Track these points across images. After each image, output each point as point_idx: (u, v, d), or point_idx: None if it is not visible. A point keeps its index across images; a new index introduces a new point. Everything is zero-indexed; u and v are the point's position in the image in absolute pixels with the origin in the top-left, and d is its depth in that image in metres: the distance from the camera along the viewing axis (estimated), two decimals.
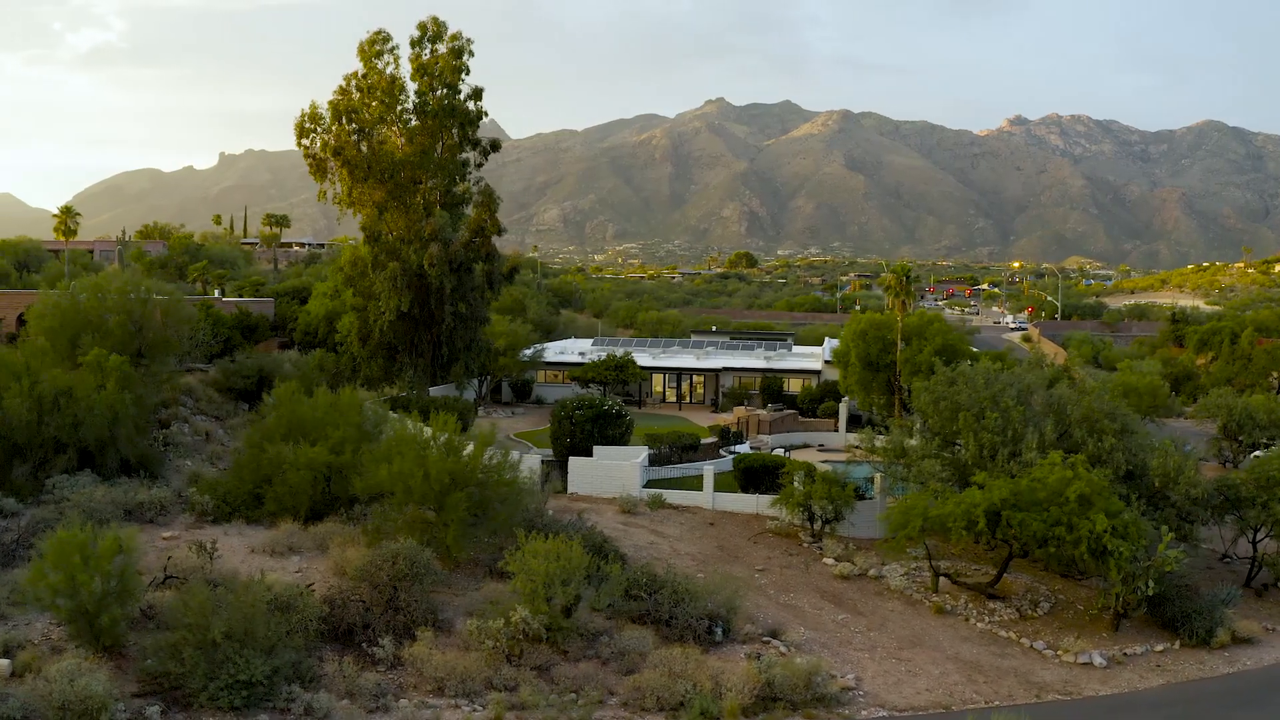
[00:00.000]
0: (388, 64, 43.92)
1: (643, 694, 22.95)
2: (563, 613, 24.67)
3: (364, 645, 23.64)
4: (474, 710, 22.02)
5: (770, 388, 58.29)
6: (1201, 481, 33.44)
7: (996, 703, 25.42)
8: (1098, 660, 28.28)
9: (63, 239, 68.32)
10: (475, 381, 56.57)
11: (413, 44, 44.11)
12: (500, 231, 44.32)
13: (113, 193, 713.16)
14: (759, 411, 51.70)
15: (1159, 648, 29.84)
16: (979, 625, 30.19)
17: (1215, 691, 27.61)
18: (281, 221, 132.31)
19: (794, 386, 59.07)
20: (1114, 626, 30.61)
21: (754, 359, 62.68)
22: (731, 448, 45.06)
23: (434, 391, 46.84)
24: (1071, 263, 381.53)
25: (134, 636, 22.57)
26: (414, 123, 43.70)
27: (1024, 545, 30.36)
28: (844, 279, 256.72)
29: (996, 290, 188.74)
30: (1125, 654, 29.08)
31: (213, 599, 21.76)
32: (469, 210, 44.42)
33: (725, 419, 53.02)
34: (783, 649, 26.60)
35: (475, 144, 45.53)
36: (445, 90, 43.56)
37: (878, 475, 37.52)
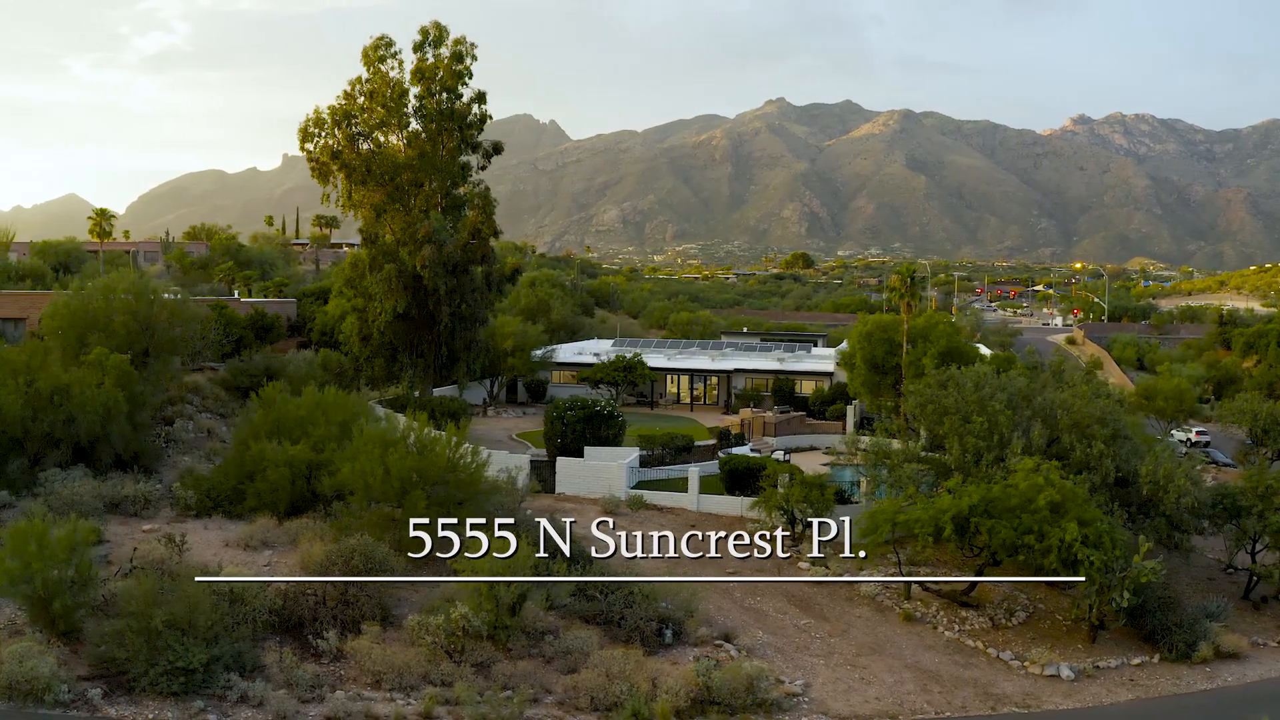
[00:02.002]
0: (391, 68, 44.94)
1: (578, 694, 23.15)
2: (508, 611, 24.95)
3: (310, 638, 24.27)
4: (407, 704, 22.46)
5: (782, 389, 57.90)
6: (1192, 490, 32.31)
7: (947, 714, 25.03)
8: (1065, 673, 27.58)
9: (98, 240, 71.36)
10: (488, 382, 57.32)
11: (415, 48, 44.99)
12: (496, 234, 45.00)
13: (177, 194, 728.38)
14: (764, 413, 51.42)
15: (1136, 661, 28.97)
16: (947, 634, 29.67)
17: (1187, 708, 26.78)
18: (331, 223, 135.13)
19: (806, 388, 58.58)
20: (1091, 638, 29.82)
21: (767, 360, 62.29)
22: (729, 450, 44.87)
23: (438, 392, 47.61)
24: (1135, 264, 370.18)
25: (93, 623, 23.55)
26: (413, 126, 44.58)
27: (994, 553, 29.75)
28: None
29: (1050, 292, 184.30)
30: (1097, 667, 28.31)
31: (158, 589, 22.58)
32: (469, 213, 45.07)
33: (734, 420, 52.85)
34: (734, 653, 26.54)
35: (475, 147, 46.21)
36: (445, 94, 44.31)
37: (863, 479, 37.09)
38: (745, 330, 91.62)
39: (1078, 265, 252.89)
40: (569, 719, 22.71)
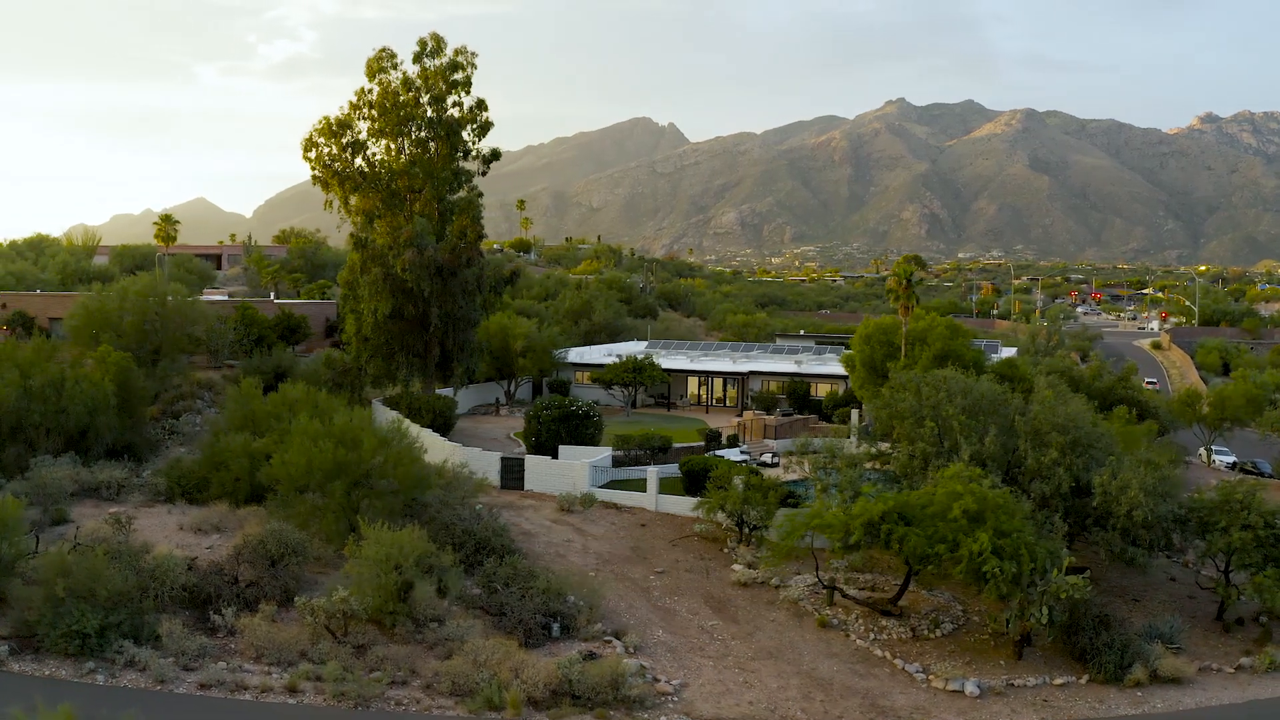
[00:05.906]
0: (395, 79, 46.93)
1: (443, 679, 24.04)
2: (394, 597, 26.07)
3: (212, 613, 26.04)
4: (280, 677, 23.87)
5: (795, 392, 57.29)
6: (1145, 502, 30.60)
7: None
8: (970, 689, 26.65)
9: (163, 244, 76.95)
10: (505, 382, 58.86)
11: (414, 59, 46.88)
12: (481, 237, 46.33)
13: (302, 198, 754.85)
14: (765, 415, 51.07)
15: (1059, 681, 27.64)
16: (859, 642, 29.09)
17: None
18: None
19: (821, 391, 57.79)
20: (1016, 654, 28.71)
21: (784, 363, 61.72)
22: (718, 451, 44.87)
23: (441, 392, 49.25)
24: (1261, 266, 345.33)
25: (25, 591, 25.95)
26: (412, 135, 46.38)
27: (907, 561, 29.05)
28: (1015, 282, 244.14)
29: (1161, 295, 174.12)
30: (1011, 685, 27.22)
31: (64, 562, 24.75)
32: (456, 217, 46.48)
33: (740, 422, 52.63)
34: (619, 649, 26.87)
35: (467, 153, 47.70)
36: (436, 104, 46.01)
37: (818, 482, 36.60)
38: (801, 333, 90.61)
39: (1201, 268, 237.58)
40: (427, 701, 23.62)
